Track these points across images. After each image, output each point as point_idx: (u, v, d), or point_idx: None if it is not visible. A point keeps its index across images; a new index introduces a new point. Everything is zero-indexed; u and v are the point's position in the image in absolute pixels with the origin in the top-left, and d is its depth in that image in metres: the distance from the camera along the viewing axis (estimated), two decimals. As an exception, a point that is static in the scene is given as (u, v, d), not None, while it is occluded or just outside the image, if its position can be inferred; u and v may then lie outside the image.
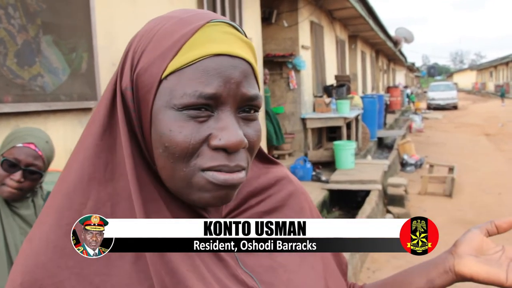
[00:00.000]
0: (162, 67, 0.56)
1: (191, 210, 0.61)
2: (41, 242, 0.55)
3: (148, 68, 0.57)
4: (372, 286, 0.78)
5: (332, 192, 5.93)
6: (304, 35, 7.81)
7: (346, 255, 3.51)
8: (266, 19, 7.14)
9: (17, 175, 1.44)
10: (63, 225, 0.54)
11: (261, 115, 6.06)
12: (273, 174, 0.72)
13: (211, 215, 0.63)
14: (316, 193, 5.61)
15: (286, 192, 0.72)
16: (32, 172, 1.47)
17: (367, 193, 5.74)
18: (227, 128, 0.55)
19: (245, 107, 0.58)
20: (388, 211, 5.85)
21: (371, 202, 5.24)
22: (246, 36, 0.61)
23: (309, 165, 6.45)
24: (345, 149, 6.77)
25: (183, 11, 0.60)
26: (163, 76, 0.56)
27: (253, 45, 0.61)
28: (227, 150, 0.55)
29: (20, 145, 1.46)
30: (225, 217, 0.65)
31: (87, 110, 2.90)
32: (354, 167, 6.77)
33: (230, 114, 0.56)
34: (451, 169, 7.43)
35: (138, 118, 0.58)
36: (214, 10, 4.64)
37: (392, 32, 18.19)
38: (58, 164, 1.86)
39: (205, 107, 0.55)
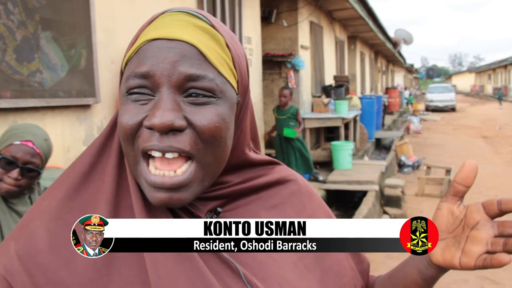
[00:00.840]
0: (124, 62, 0.60)
1: None
2: (37, 214, 0.60)
3: (124, 69, 0.62)
4: (382, 278, 0.78)
5: (329, 192, 5.94)
6: (304, 35, 7.81)
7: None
8: (265, 19, 7.14)
9: (15, 172, 1.44)
10: (60, 199, 0.61)
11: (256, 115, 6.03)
12: (278, 173, 0.73)
13: (197, 210, 0.63)
14: (313, 193, 5.60)
15: (288, 191, 0.72)
16: (30, 170, 1.46)
17: (364, 193, 5.75)
18: (157, 108, 0.55)
19: (190, 90, 0.57)
20: (385, 212, 5.85)
21: (368, 203, 5.24)
22: (214, 27, 0.60)
23: (306, 165, 6.45)
24: (343, 150, 6.78)
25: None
26: (122, 69, 0.61)
27: (215, 31, 0.59)
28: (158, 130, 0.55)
29: (18, 142, 1.45)
30: (220, 206, 0.65)
31: (85, 106, 2.89)
32: (351, 167, 6.78)
33: (166, 95, 0.56)
34: (448, 171, 7.43)
35: None
36: (214, 9, 4.63)
37: (391, 34, 18.20)
38: (56, 160, 1.85)
39: (147, 90, 0.57)
